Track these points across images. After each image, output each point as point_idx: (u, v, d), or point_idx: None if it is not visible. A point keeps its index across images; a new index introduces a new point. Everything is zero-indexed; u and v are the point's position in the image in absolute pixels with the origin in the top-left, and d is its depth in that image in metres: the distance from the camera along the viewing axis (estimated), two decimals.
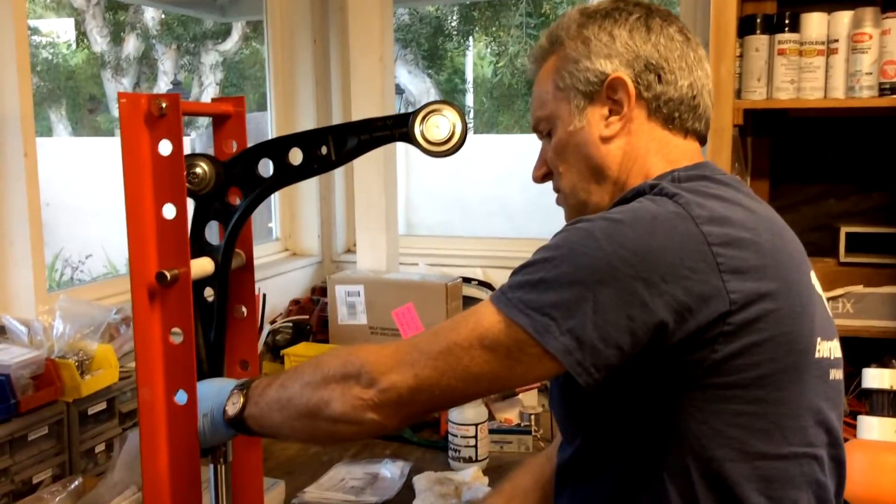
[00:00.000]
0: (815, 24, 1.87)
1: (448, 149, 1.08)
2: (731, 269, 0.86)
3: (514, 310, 0.87)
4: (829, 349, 0.99)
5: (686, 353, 0.87)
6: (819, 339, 0.96)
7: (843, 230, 2.09)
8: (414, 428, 2.02)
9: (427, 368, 0.92)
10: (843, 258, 2.09)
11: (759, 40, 1.90)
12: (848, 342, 1.94)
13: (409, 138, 1.08)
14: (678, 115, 1.03)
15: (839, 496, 1.03)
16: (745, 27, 1.92)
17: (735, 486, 0.90)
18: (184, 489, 1.08)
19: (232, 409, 1.04)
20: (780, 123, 2.12)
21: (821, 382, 0.96)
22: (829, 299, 1.91)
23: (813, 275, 1.01)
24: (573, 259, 0.86)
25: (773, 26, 1.90)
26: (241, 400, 1.04)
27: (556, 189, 1.11)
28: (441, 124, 1.07)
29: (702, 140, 1.08)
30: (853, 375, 1.97)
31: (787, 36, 1.88)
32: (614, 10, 1.04)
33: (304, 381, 1.01)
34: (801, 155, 2.16)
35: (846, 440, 1.77)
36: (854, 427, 1.78)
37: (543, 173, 1.11)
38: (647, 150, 1.02)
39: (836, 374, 1.00)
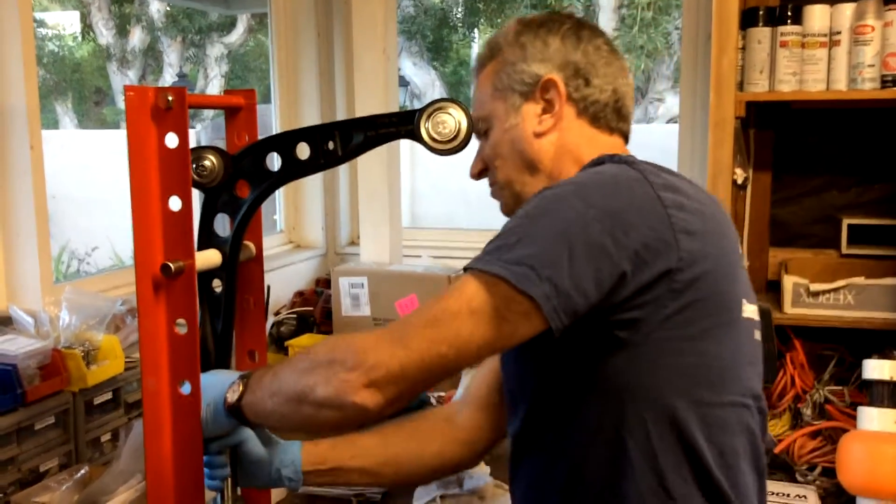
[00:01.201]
0: (817, 16, 1.87)
1: (453, 147, 1.09)
2: (682, 229, 0.96)
3: (494, 268, 0.92)
4: (752, 311, 1.08)
5: (638, 307, 0.94)
6: (744, 301, 1.05)
7: (845, 222, 2.09)
8: None
9: (416, 339, 0.93)
10: (844, 250, 2.10)
11: (762, 32, 1.90)
12: (849, 333, 1.96)
13: (415, 135, 1.09)
14: (604, 116, 1.13)
15: (761, 445, 1.11)
16: (748, 19, 1.92)
17: (686, 434, 0.98)
18: (187, 478, 1.09)
19: (231, 397, 1.06)
20: (782, 115, 2.12)
21: (748, 340, 1.06)
22: (830, 291, 1.92)
23: (738, 245, 1.10)
24: (548, 217, 0.94)
25: (775, 18, 1.91)
26: (241, 388, 1.06)
27: (493, 183, 1.17)
28: (447, 122, 1.08)
29: (626, 138, 1.17)
30: (854, 366, 1.98)
31: (789, 28, 1.88)
32: (548, 20, 1.14)
33: (295, 367, 1.02)
34: (803, 147, 2.16)
35: (846, 431, 1.78)
36: (854, 418, 1.79)
37: (480, 170, 1.18)
38: (577, 144, 1.11)
39: (757, 334, 1.10)
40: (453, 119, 1.08)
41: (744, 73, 1.92)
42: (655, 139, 7.82)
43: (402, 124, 1.10)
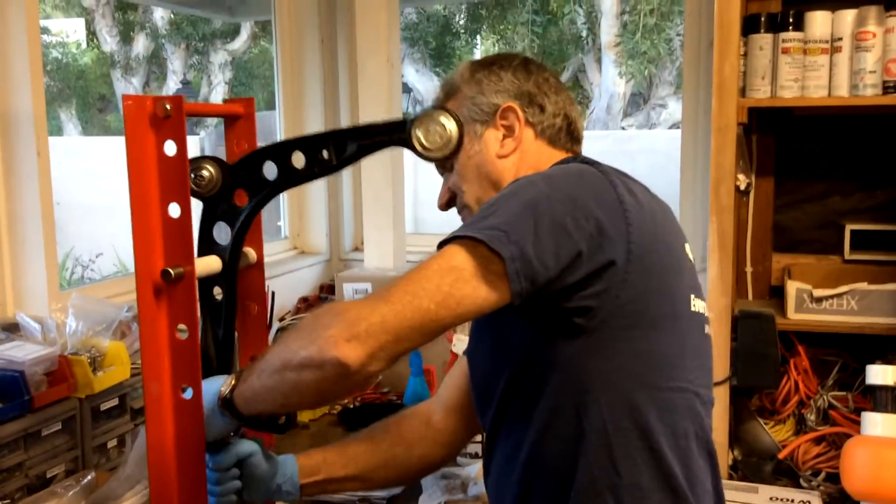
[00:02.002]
0: (818, 22, 1.88)
1: (445, 154, 1.10)
2: (634, 223, 1.03)
3: (471, 232, 0.98)
4: (702, 307, 1.16)
5: (593, 296, 1.01)
6: (693, 296, 1.12)
7: (848, 228, 2.10)
8: None
9: (397, 293, 0.96)
10: (847, 255, 2.10)
11: (764, 39, 1.91)
12: (852, 339, 1.97)
13: (407, 143, 1.10)
14: (559, 138, 1.23)
15: (710, 432, 1.18)
16: (750, 25, 1.93)
17: (639, 415, 1.05)
18: (190, 481, 1.10)
19: (225, 390, 1.07)
20: (784, 121, 2.13)
21: (698, 332, 1.14)
22: (834, 296, 1.92)
23: (688, 247, 1.17)
24: (519, 195, 1.03)
25: (777, 25, 1.91)
26: (233, 381, 1.08)
27: (461, 208, 1.26)
28: (438, 130, 1.09)
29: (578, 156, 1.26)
30: (857, 372, 1.99)
31: (791, 34, 1.89)
32: (498, 58, 1.26)
33: (280, 340, 1.04)
34: (805, 153, 2.17)
35: (850, 436, 1.79)
36: (858, 423, 1.79)
37: (447, 199, 1.27)
38: (537, 161, 1.20)
39: (707, 328, 1.17)
40: (444, 127, 1.09)
41: (746, 79, 1.93)
42: (658, 144, 7.86)
43: (395, 132, 1.11)
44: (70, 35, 10.06)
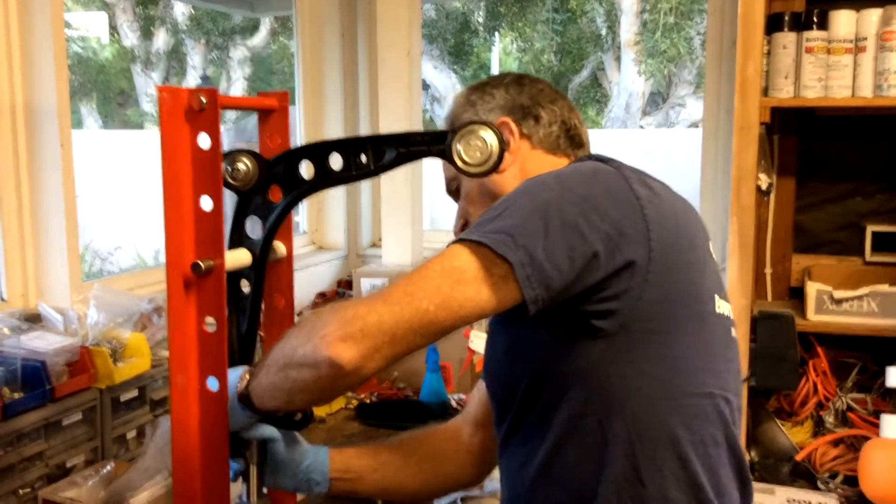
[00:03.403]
0: (843, 21, 1.87)
1: (484, 170, 1.08)
2: (653, 220, 1.00)
3: (475, 236, 0.96)
4: (728, 310, 1.12)
5: (614, 298, 0.98)
6: (717, 297, 1.08)
7: (870, 229, 2.08)
8: (437, 420, 2.04)
9: (396, 293, 0.94)
10: (868, 257, 2.09)
11: (787, 38, 1.90)
12: (872, 341, 1.95)
13: (446, 156, 1.09)
14: (559, 145, 1.21)
15: (739, 439, 1.13)
16: (773, 24, 1.92)
17: (668, 423, 1.01)
18: (213, 473, 1.10)
19: (241, 386, 1.07)
20: (807, 121, 2.12)
21: (725, 335, 1.09)
22: (854, 298, 1.91)
23: (711, 245, 1.14)
24: (529, 196, 1.00)
25: (801, 24, 1.90)
26: (248, 376, 1.08)
27: None
28: (479, 145, 1.08)
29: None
30: (877, 374, 1.97)
31: (815, 34, 1.88)
32: (492, 79, 1.27)
33: (285, 336, 1.03)
34: (827, 153, 2.15)
35: (868, 439, 1.78)
36: (877, 426, 1.78)
37: (461, 225, 1.26)
38: (539, 171, 1.15)
39: (734, 331, 1.13)
40: (484, 142, 1.08)
41: (769, 78, 1.92)
42: (676, 144, 7.82)
43: (434, 143, 1.10)
44: (91, 30, 10.13)
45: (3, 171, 1.69)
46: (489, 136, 1.07)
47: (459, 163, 1.08)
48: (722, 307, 1.09)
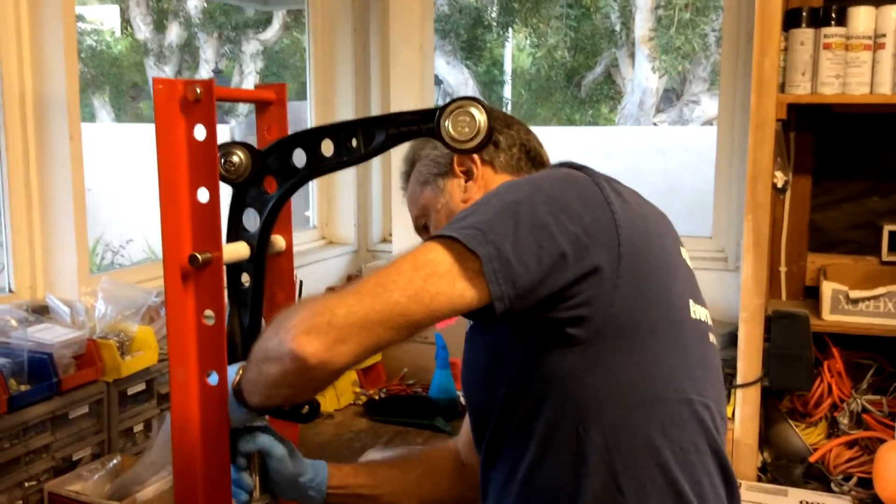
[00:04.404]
0: (862, 17, 1.84)
1: (473, 146, 1.08)
2: (623, 226, 1.00)
3: (447, 231, 0.96)
4: (705, 315, 1.11)
5: (586, 304, 0.97)
6: (691, 302, 1.07)
7: (887, 228, 2.05)
8: (446, 417, 2.03)
9: (367, 286, 0.93)
10: (885, 257, 2.06)
11: (805, 34, 1.87)
12: (888, 342, 1.93)
13: (436, 134, 1.08)
14: (521, 167, 1.24)
15: (723, 446, 1.12)
16: (791, 20, 1.89)
17: (645, 431, 1.00)
18: (214, 467, 1.09)
19: (235, 381, 1.06)
20: (823, 119, 2.09)
21: (702, 341, 1.08)
22: (870, 298, 1.88)
23: (684, 251, 1.13)
24: (500, 196, 1.00)
25: (818, 20, 1.87)
26: (241, 371, 1.07)
27: None
28: (467, 121, 1.07)
29: None
30: (893, 376, 1.95)
31: (833, 30, 1.85)
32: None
33: (262, 333, 1.02)
34: (844, 151, 2.13)
35: (883, 441, 1.75)
36: (892, 428, 1.76)
37: None
38: None
39: (712, 337, 1.12)
40: (472, 117, 1.07)
41: (785, 74, 1.89)
42: (690, 142, 7.78)
43: (423, 122, 1.09)
44: (104, 23, 10.16)
45: (12, 162, 1.68)
46: (477, 112, 1.06)
47: (448, 139, 1.07)
48: (698, 312, 1.08)
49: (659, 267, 1.03)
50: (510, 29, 9.67)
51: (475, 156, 1.20)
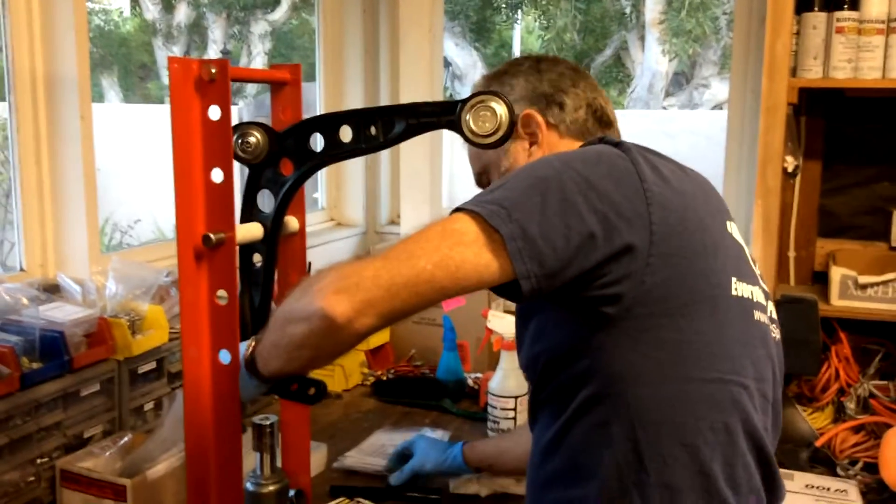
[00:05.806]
0: (875, 2, 1.83)
1: (493, 141, 1.07)
2: (656, 203, 0.98)
3: (471, 206, 0.95)
4: (751, 292, 1.08)
5: (617, 282, 0.96)
6: (735, 279, 1.05)
7: None
8: (453, 398, 2.04)
9: (395, 251, 0.94)
10: (894, 243, 2.06)
11: (817, 17, 1.86)
12: None
13: (455, 127, 1.08)
14: (587, 129, 1.21)
15: (775, 436, 1.13)
16: (803, 4, 1.88)
17: (672, 409, 1.00)
18: (226, 445, 1.11)
19: (247, 352, 1.07)
20: (835, 103, 2.08)
21: (741, 319, 1.05)
22: (879, 284, 1.88)
23: (734, 226, 1.11)
24: (529, 172, 0.99)
25: (831, 4, 1.86)
26: (253, 342, 1.08)
27: None
28: (488, 116, 1.07)
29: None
30: None
31: (846, 14, 1.84)
32: (508, 67, 1.26)
33: (286, 297, 1.03)
34: (855, 136, 2.12)
35: (890, 426, 1.75)
36: None
37: None
38: None
39: (758, 315, 1.08)
40: (494, 112, 1.06)
41: (797, 58, 1.88)
42: (700, 125, 7.74)
43: (444, 114, 1.09)
44: (113, 2, 10.13)
45: (23, 142, 1.69)
46: (499, 107, 1.06)
47: (468, 133, 1.07)
48: (741, 289, 1.06)
49: (694, 245, 1.01)
50: (519, 11, 9.62)
51: (540, 119, 1.18)
